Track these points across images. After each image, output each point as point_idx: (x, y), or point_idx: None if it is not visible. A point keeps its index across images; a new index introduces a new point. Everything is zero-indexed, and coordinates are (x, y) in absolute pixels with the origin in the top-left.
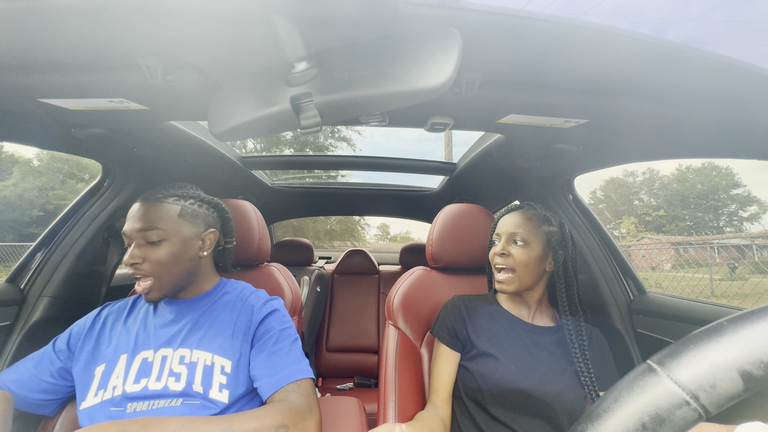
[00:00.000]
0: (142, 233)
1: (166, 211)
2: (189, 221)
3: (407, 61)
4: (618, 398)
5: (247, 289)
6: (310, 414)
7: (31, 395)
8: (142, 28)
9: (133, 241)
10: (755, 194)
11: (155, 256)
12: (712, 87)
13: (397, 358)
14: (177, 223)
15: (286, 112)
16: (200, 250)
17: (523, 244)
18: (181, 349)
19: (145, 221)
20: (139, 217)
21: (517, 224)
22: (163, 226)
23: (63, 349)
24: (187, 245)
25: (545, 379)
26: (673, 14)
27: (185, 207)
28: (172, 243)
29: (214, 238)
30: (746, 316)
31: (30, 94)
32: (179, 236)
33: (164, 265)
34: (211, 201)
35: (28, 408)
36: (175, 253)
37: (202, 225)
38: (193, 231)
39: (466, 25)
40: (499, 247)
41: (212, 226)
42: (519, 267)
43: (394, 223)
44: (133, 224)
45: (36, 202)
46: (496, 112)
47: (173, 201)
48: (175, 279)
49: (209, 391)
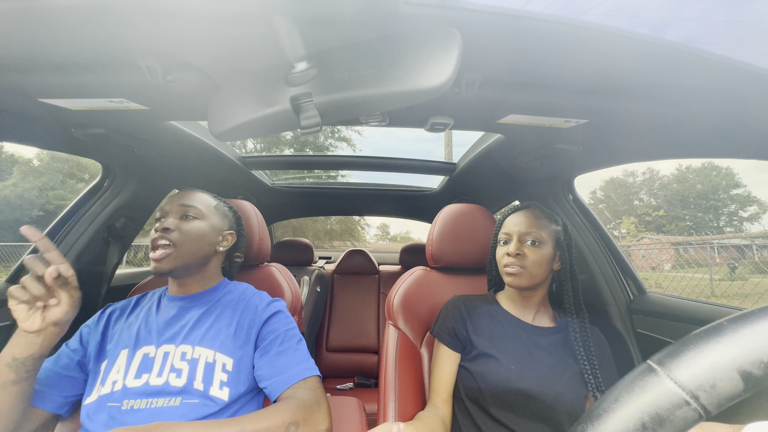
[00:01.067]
0: (182, 207)
1: (205, 198)
2: (219, 215)
3: (407, 61)
4: (618, 398)
5: (250, 290)
6: (318, 408)
7: (53, 392)
8: (142, 28)
9: (168, 215)
10: (755, 194)
11: (186, 227)
12: (712, 87)
13: (397, 358)
14: (211, 211)
15: (286, 112)
16: (218, 244)
17: (537, 245)
18: (183, 345)
19: (187, 199)
20: (181, 195)
21: (529, 224)
22: (201, 207)
23: (77, 347)
24: (213, 232)
25: (545, 379)
26: (671, 14)
27: (219, 204)
28: (204, 223)
29: (231, 239)
30: (746, 316)
31: (30, 94)
32: (210, 221)
33: (191, 238)
34: (237, 212)
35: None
36: (202, 233)
37: (226, 223)
38: (220, 224)
39: (466, 25)
40: (513, 248)
41: (233, 230)
42: (533, 267)
43: (394, 223)
44: (176, 200)
45: (36, 202)
46: (496, 112)
47: (211, 196)
48: (191, 256)
49: (210, 388)
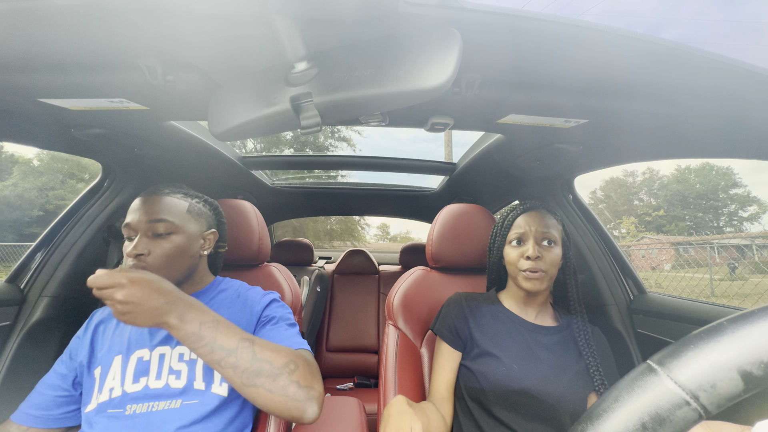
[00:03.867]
0: (150, 224)
1: (174, 205)
2: (195, 218)
3: (407, 61)
4: (618, 398)
5: (243, 286)
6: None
7: (54, 412)
8: (142, 27)
9: (137, 233)
10: (755, 194)
11: (161, 249)
12: (712, 87)
13: (397, 358)
14: (185, 218)
15: (286, 112)
16: (201, 249)
17: (552, 244)
18: (179, 346)
19: (154, 212)
20: (147, 208)
21: (546, 224)
22: (173, 219)
23: (65, 360)
24: (192, 241)
25: (548, 379)
26: (665, 15)
27: (192, 204)
28: (179, 237)
29: (213, 238)
30: (746, 316)
31: (30, 94)
32: (186, 231)
33: (169, 258)
34: (212, 203)
35: (54, 425)
36: (180, 247)
37: (204, 224)
38: (198, 229)
39: (466, 25)
40: (533, 251)
41: (213, 227)
42: (550, 268)
43: (394, 223)
44: (141, 215)
45: (36, 202)
46: (496, 112)
47: (181, 197)
48: (174, 273)
49: (211, 386)
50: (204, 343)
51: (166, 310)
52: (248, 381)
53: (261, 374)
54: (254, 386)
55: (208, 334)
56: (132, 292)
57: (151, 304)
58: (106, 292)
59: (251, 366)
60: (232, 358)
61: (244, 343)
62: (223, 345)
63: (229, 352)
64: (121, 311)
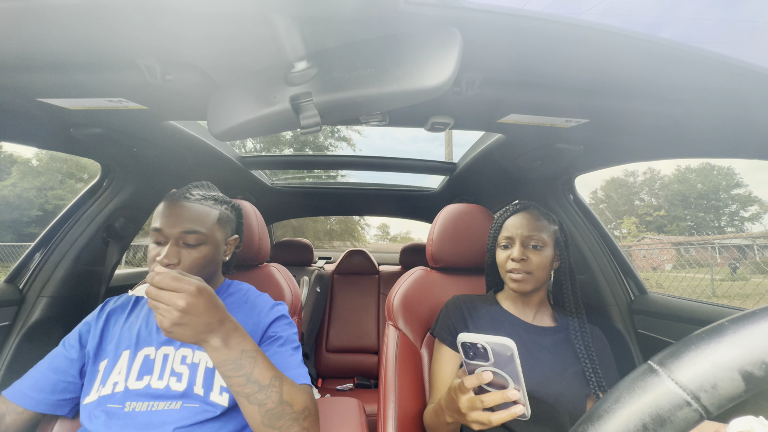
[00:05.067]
0: (182, 234)
1: (207, 215)
2: (222, 227)
3: (407, 61)
4: (619, 399)
5: (252, 291)
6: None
7: (51, 396)
8: (141, 27)
9: (167, 240)
10: (756, 194)
11: (191, 258)
12: (713, 87)
13: (397, 359)
14: (215, 228)
15: (286, 111)
16: (224, 255)
17: (540, 248)
18: (183, 348)
19: (187, 223)
20: (179, 216)
21: (531, 227)
22: (204, 231)
23: (74, 344)
24: (218, 249)
25: (547, 379)
26: (664, 14)
27: (222, 212)
28: (208, 247)
29: (235, 243)
30: (747, 317)
31: (29, 94)
32: (215, 241)
33: (197, 267)
34: (237, 207)
35: (46, 410)
36: (208, 257)
37: (229, 231)
38: (223, 236)
39: (467, 25)
40: (517, 253)
41: (236, 232)
42: (537, 270)
43: (394, 223)
44: (173, 225)
45: (35, 202)
46: (496, 111)
47: (212, 205)
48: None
49: (210, 394)
50: (242, 373)
51: (213, 328)
52: (269, 422)
53: (282, 417)
54: (272, 428)
55: (248, 364)
56: (196, 303)
57: (206, 319)
58: (165, 295)
59: (276, 407)
60: (261, 395)
61: (275, 381)
62: (257, 379)
63: (261, 388)
64: (177, 321)
